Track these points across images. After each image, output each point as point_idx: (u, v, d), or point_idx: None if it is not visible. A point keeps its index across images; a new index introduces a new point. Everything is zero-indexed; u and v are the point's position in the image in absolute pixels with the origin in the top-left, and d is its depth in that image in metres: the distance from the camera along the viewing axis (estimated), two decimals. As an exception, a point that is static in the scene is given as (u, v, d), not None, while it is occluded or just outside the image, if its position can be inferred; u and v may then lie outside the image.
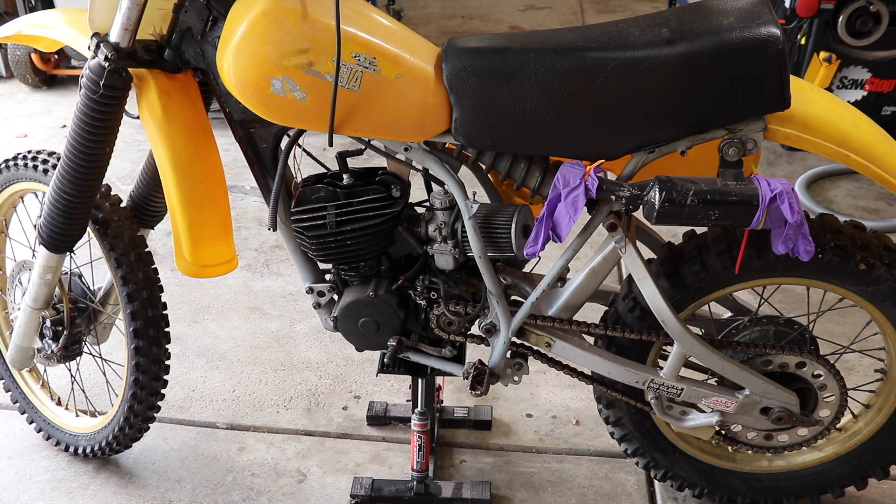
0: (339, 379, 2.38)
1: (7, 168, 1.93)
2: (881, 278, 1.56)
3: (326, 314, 1.78)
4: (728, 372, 1.62)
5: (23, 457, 2.10)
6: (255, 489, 1.99)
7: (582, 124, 1.45)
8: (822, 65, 3.40)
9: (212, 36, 1.53)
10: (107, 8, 1.51)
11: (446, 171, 1.56)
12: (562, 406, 2.26)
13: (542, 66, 1.42)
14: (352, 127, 1.47)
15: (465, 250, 1.60)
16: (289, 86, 1.42)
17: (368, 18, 1.50)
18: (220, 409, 2.26)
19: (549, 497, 1.97)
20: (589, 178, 1.41)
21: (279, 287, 2.82)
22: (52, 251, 1.76)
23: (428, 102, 1.47)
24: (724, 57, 1.37)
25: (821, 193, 3.39)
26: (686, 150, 1.48)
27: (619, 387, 1.71)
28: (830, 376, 1.67)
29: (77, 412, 2.13)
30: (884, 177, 1.48)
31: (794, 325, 1.69)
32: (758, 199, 1.35)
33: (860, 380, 2.05)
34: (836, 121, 1.49)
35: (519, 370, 1.74)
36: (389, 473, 2.03)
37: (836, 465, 1.81)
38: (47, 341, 1.96)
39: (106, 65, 1.50)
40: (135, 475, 2.04)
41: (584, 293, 1.65)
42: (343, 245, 1.62)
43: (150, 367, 1.86)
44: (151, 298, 1.82)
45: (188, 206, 1.60)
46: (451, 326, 1.70)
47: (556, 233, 1.43)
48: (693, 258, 1.59)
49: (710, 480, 1.85)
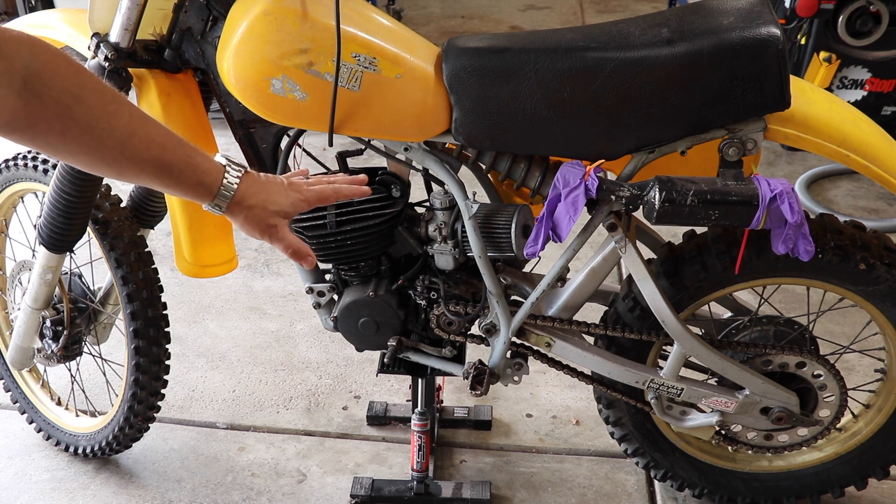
0: (339, 379, 2.38)
1: (7, 168, 1.93)
2: (881, 278, 1.56)
3: (326, 314, 1.78)
4: (728, 372, 1.62)
5: (23, 457, 2.10)
6: (255, 489, 1.99)
7: (582, 124, 1.45)
8: (822, 65, 3.40)
9: (212, 36, 1.53)
10: (107, 8, 1.51)
11: (446, 171, 1.56)
12: (562, 406, 2.26)
13: (542, 65, 1.42)
14: (352, 127, 1.47)
15: (465, 250, 1.60)
16: (289, 86, 1.42)
17: (368, 18, 1.50)
18: (220, 409, 2.26)
19: (549, 497, 1.97)
20: (589, 178, 1.41)
21: (279, 287, 2.82)
22: (52, 251, 1.76)
23: (428, 102, 1.47)
24: (724, 57, 1.37)
25: (821, 193, 3.38)
26: (686, 150, 1.48)
27: (619, 387, 1.71)
28: (830, 376, 1.67)
29: (77, 412, 2.13)
30: (884, 177, 1.48)
31: (794, 325, 1.69)
32: (758, 199, 1.35)
33: (860, 380, 2.05)
34: (836, 121, 1.49)
35: (519, 370, 1.74)
36: (389, 473, 2.03)
37: (836, 465, 1.81)
38: (47, 341, 1.96)
39: (106, 65, 1.50)
40: (135, 475, 2.04)
41: (584, 293, 1.64)
42: (343, 245, 1.62)
43: (150, 367, 1.86)
44: (151, 298, 1.83)
45: (188, 206, 1.61)
46: (451, 326, 1.70)
47: (556, 233, 1.43)
48: (693, 258, 1.59)
49: (710, 480, 1.85)
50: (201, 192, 1.13)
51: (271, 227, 1.20)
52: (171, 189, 1.11)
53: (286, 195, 1.21)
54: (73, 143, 0.98)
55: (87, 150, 1.00)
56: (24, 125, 0.94)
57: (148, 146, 1.05)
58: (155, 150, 1.06)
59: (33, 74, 0.92)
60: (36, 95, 0.92)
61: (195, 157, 1.11)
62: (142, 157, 1.05)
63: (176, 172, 1.09)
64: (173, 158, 1.08)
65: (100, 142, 1.00)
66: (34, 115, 0.93)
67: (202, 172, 1.12)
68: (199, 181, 1.11)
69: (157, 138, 1.06)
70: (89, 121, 0.98)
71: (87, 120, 0.97)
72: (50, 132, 0.96)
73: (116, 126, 1.01)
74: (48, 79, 0.93)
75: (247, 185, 1.16)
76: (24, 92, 0.92)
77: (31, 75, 0.92)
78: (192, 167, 1.10)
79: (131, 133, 1.03)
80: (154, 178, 1.08)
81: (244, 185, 1.16)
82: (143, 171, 1.06)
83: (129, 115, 1.03)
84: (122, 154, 1.03)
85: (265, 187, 1.19)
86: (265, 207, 1.18)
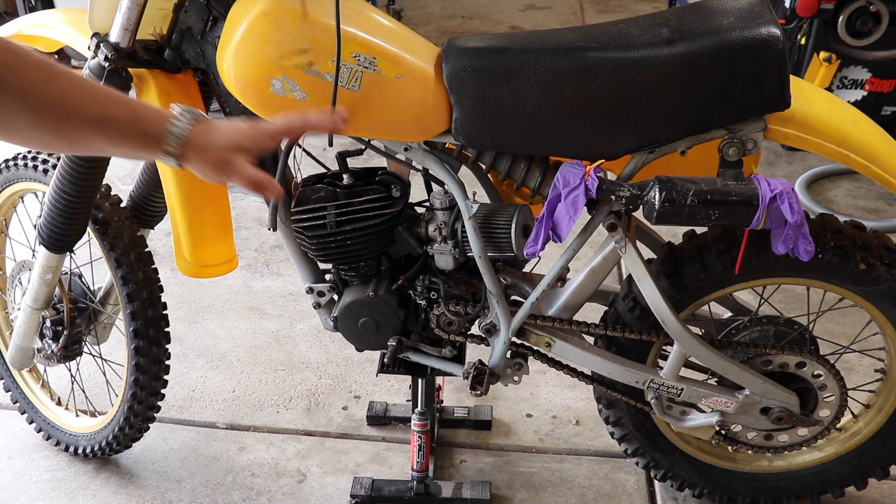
0: (339, 379, 2.38)
1: (7, 168, 1.93)
2: (881, 278, 1.56)
3: (326, 314, 1.78)
4: (728, 372, 1.62)
5: (23, 457, 2.10)
6: (255, 489, 1.99)
7: (582, 124, 1.45)
8: (822, 65, 3.40)
9: (212, 36, 1.53)
10: (107, 8, 1.51)
11: (446, 171, 1.56)
12: (562, 406, 2.26)
13: (542, 65, 1.42)
14: (352, 127, 1.47)
15: (465, 250, 1.60)
16: (289, 86, 1.42)
17: (368, 18, 1.50)
18: (220, 409, 2.26)
19: (549, 497, 1.97)
20: (589, 178, 1.41)
21: (279, 287, 2.82)
22: (52, 251, 1.76)
23: (428, 102, 1.47)
24: (724, 57, 1.37)
25: (821, 193, 3.39)
26: (686, 150, 1.48)
27: (619, 387, 1.71)
28: (830, 376, 1.67)
29: (77, 412, 2.13)
30: (884, 177, 1.48)
31: (794, 325, 1.69)
32: (758, 199, 1.35)
33: (860, 380, 2.05)
34: (836, 121, 1.49)
35: (519, 370, 1.74)
36: (389, 473, 2.03)
37: (836, 465, 1.81)
38: (47, 341, 1.96)
39: (106, 65, 1.50)
40: (135, 475, 2.04)
41: (584, 293, 1.65)
42: (343, 245, 1.62)
43: (150, 367, 1.86)
44: (151, 298, 1.83)
45: (188, 207, 1.61)
46: (451, 326, 1.70)
47: (556, 233, 1.43)
48: (693, 258, 1.59)
49: (710, 480, 1.85)
50: (147, 141, 1.09)
51: (226, 162, 1.13)
52: (119, 146, 1.08)
53: (234, 130, 1.15)
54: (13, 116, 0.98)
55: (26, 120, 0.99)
56: None
57: (86, 105, 1.03)
58: (94, 108, 1.04)
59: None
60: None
61: (138, 109, 1.09)
62: (83, 117, 1.03)
63: (117, 125, 1.06)
64: (113, 113, 1.06)
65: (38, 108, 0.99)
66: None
67: (145, 121, 1.08)
68: (142, 130, 1.08)
69: (96, 97, 1.05)
70: (25, 88, 0.97)
71: (21, 88, 0.97)
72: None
73: (53, 91, 1.00)
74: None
75: (200, 128, 1.12)
76: None
77: None
78: (134, 118, 1.07)
79: (68, 96, 1.02)
80: (99, 137, 1.06)
81: (197, 129, 1.11)
82: (87, 132, 1.04)
83: (66, 81, 1.02)
84: (61, 117, 1.01)
85: (212, 127, 1.13)
86: (215, 145, 1.12)
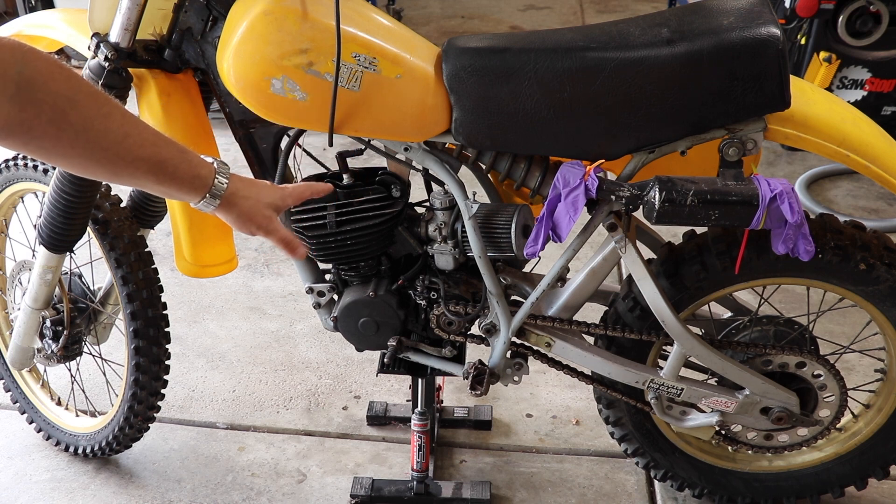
0: (339, 379, 2.38)
1: (7, 168, 1.93)
2: (881, 278, 1.56)
3: (326, 314, 1.78)
4: (728, 372, 1.62)
5: (23, 457, 2.10)
6: (255, 489, 1.99)
7: (582, 124, 1.45)
8: (822, 65, 3.40)
9: (212, 36, 1.53)
10: (107, 8, 1.51)
11: (446, 171, 1.56)
12: (562, 406, 2.26)
13: (542, 65, 1.42)
14: (352, 127, 1.47)
15: (465, 250, 1.60)
16: (289, 86, 1.42)
17: (368, 18, 1.50)
18: (220, 409, 2.26)
19: (549, 497, 1.97)
20: (589, 178, 1.41)
21: (279, 287, 2.82)
22: (52, 251, 1.76)
23: (428, 102, 1.47)
24: (724, 57, 1.37)
25: (821, 193, 3.39)
26: (686, 150, 1.48)
27: (619, 387, 1.71)
28: (830, 376, 1.67)
29: (77, 412, 2.13)
30: (884, 177, 1.48)
31: (794, 325, 1.69)
32: (758, 199, 1.35)
33: (860, 380, 2.05)
34: (836, 121, 1.49)
35: (519, 370, 1.74)
36: (389, 473, 2.03)
37: (836, 465, 1.81)
38: (47, 341, 1.96)
39: (106, 65, 1.50)
40: (135, 475, 2.04)
41: (584, 293, 1.64)
42: (343, 245, 1.62)
43: (150, 367, 1.86)
44: (151, 298, 1.83)
45: (188, 207, 1.60)
46: (451, 326, 1.70)
47: (556, 233, 1.43)
48: (693, 258, 1.59)
49: (710, 480, 1.85)
50: (197, 185, 1.17)
51: (267, 218, 1.26)
52: (166, 186, 1.14)
53: (274, 190, 1.29)
54: (68, 147, 1.01)
55: (82, 152, 1.02)
56: (20, 131, 0.96)
57: (142, 145, 1.08)
58: (149, 149, 1.09)
59: (27, 80, 0.94)
60: (30, 101, 0.95)
61: (188, 154, 1.16)
62: (137, 156, 1.08)
63: (171, 168, 1.12)
64: (168, 155, 1.12)
65: (95, 143, 1.02)
66: (29, 120, 0.95)
67: (197, 165, 1.16)
68: (195, 174, 1.16)
69: (150, 137, 1.10)
70: (84, 123, 1.00)
71: (81, 123, 1.00)
72: (44, 136, 0.98)
73: (110, 127, 1.03)
74: (42, 84, 0.95)
75: (237, 180, 1.23)
76: (18, 98, 0.94)
77: (25, 81, 0.94)
78: (186, 162, 1.14)
79: (125, 134, 1.06)
80: (149, 176, 1.11)
81: (235, 181, 1.22)
82: (139, 170, 1.09)
83: (121, 117, 1.06)
84: (116, 154, 1.05)
85: (254, 183, 1.26)
86: (259, 200, 1.25)
